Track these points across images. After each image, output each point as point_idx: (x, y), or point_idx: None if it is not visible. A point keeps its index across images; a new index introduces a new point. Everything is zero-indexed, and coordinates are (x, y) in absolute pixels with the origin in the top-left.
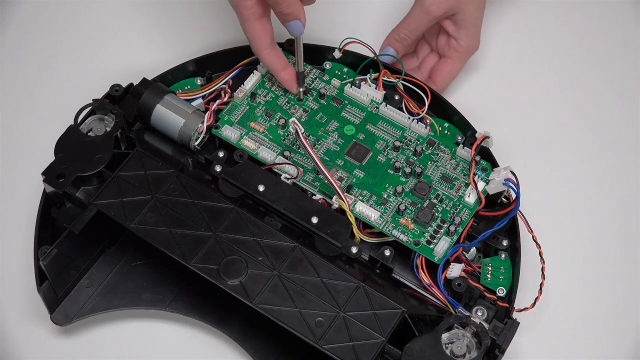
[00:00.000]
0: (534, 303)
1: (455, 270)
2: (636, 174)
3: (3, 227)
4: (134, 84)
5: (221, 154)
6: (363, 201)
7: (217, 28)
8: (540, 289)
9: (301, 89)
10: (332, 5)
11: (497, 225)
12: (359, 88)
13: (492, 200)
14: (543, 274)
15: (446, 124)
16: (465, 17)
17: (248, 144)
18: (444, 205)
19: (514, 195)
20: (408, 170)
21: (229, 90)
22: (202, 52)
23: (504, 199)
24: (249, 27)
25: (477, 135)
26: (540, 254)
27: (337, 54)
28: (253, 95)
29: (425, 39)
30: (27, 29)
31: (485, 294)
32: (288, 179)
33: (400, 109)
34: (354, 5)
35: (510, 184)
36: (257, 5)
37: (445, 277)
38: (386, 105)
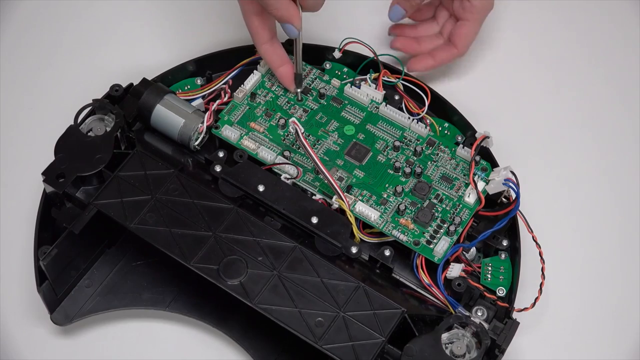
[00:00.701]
0: (534, 303)
1: (455, 270)
2: (636, 173)
3: (3, 227)
4: (134, 84)
5: (221, 154)
6: (363, 201)
7: (217, 28)
8: (540, 289)
9: (299, 90)
10: (332, 5)
11: (497, 225)
12: (359, 88)
13: (492, 200)
14: (543, 274)
15: (446, 124)
16: (467, 25)
17: (248, 144)
18: (443, 205)
19: (514, 195)
20: (408, 170)
21: (229, 90)
22: (202, 52)
23: (504, 199)
24: (248, 21)
25: (477, 135)
26: (540, 254)
27: (337, 54)
28: (253, 95)
29: (443, 3)
30: (27, 29)
31: (485, 294)
32: (288, 179)
33: (400, 109)
34: (354, 5)
35: (510, 184)
36: (255, 3)
37: (445, 277)
38: (386, 105)
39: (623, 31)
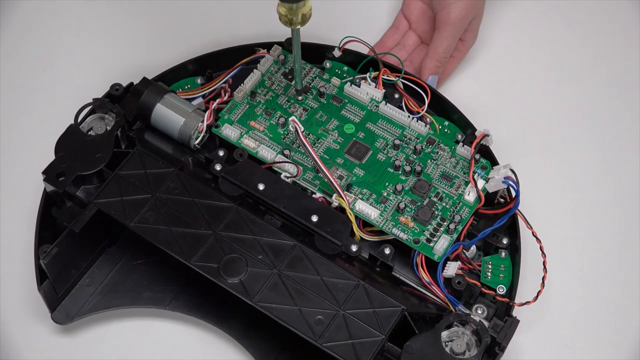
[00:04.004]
0: (537, 296)
1: (450, 269)
2: (636, 172)
3: (3, 226)
4: (134, 83)
5: (221, 153)
6: (363, 199)
7: (217, 28)
8: (543, 282)
9: (299, 97)
10: (331, 5)
11: (496, 224)
12: (359, 87)
13: (492, 198)
14: (545, 267)
15: (446, 122)
16: (477, 21)
17: (248, 142)
18: (443, 204)
19: (513, 194)
20: (408, 168)
21: (229, 89)
22: (202, 52)
23: (500, 199)
24: None
25: (476, 133)
26: (541, 248)
27: (337, 53)
28: (253, 94)
29: (413, 29)
30: (27, 29)
31: (484, 290)
32: (288, 177)
33: (400, 108)
34: (354, 4)
35: (510, 182)
36: None
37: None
38: (386, 104)
39: (623, 31)
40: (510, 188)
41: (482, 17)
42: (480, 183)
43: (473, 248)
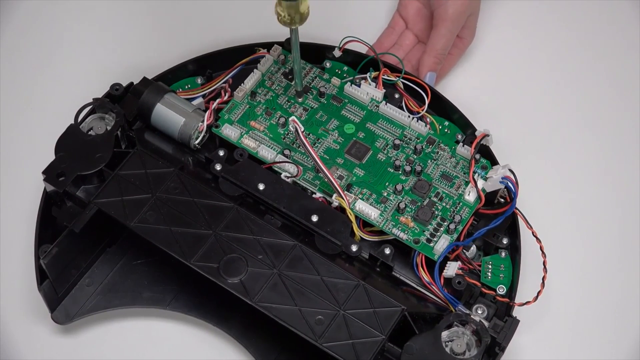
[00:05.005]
0: (537, 296)
1: (451, 269)
2: (636, 172)
3: (3, 226)
4: (135, 83)
5: (221, 153)
6: (363, 199)
7: (217, 28)
8: (543, 282)
9: (300, 99)
10: (332, 4)
11: (493, 223)
12: (359, 87)
13: (491, 198)
14: (545, 267)
15: (446, 123)
16: (474, 18)
17: (248, 142)
18: (443, 204)
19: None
20: (408, 168)
21: (229, 89)
22: (202, 51)
23: (500, 199)
24: None
25: (476, 133)
26: (541, 248)
27: (337, 53)
28: (253, 94)
29: (409, 28)
30: (27, 29)
31: (484, 290)
32: (288, 177)
33: (400, 108)
34: (354, 4)
35: (508, 182)
36: None
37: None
38: (386, 104)
39: (623, 31)
40: (508, 190)
41: (478, 14)
42: (481, 183)
43: (473, 248)
